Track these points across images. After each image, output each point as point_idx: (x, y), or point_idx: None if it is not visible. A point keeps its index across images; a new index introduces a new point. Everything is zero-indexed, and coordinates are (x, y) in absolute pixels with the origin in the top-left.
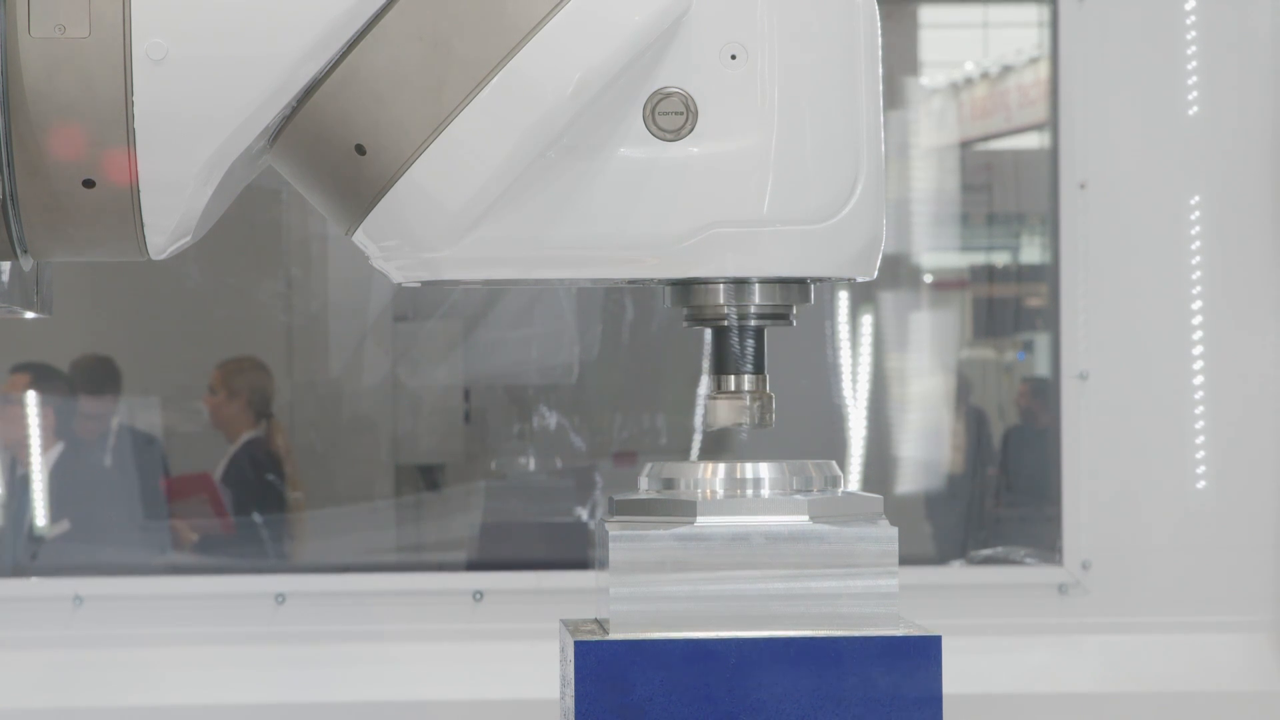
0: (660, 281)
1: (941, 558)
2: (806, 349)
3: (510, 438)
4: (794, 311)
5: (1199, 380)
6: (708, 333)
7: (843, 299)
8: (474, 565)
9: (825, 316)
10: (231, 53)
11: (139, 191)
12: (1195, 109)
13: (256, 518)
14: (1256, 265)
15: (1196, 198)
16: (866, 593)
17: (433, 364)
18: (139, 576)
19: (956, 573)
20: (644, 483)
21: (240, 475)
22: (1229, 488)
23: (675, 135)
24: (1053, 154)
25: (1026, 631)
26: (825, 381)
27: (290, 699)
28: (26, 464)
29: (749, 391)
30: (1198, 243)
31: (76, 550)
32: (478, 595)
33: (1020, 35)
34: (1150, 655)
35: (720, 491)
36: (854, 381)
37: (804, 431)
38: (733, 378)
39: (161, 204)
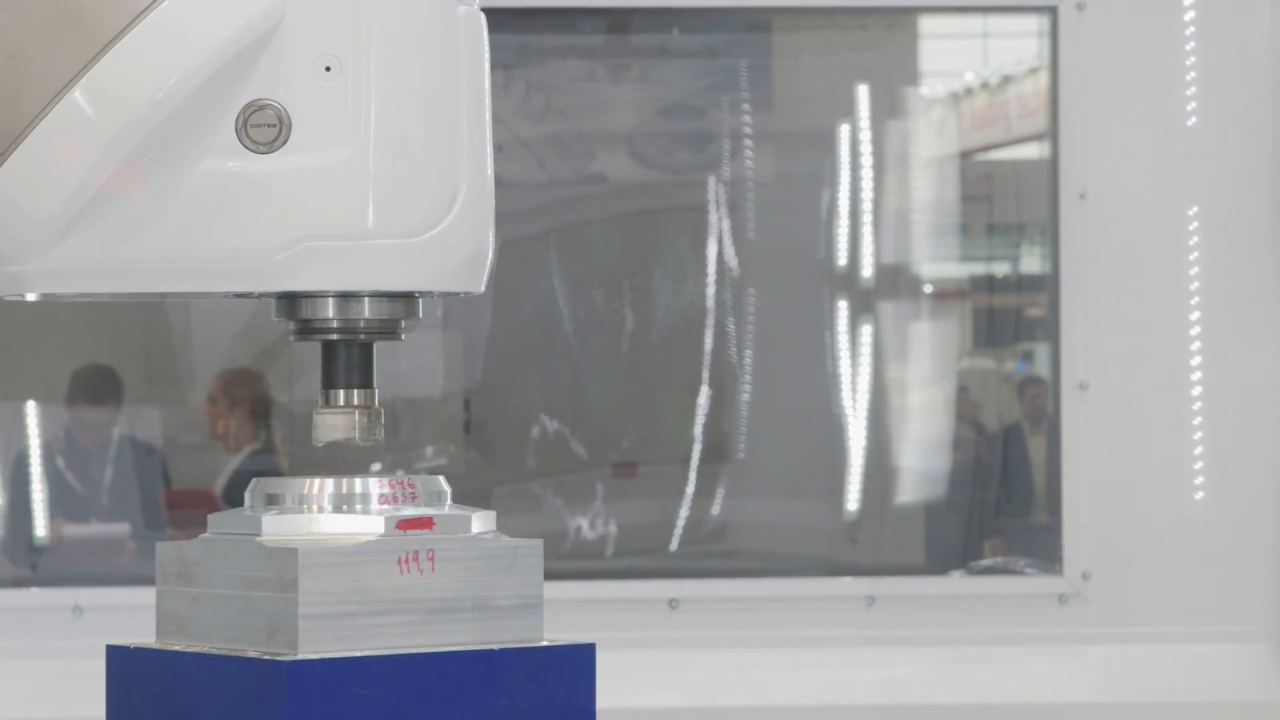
0: (261, 295)
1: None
2: (806, 359)
3: (510, 447)
4: (402, 325)
5: (1198, 390)
6: (319, 348)
7: (842, 309)
8: None
9: (825, 327)
10: None
11: None
12: (1194, 119)
13: None
14: (1255, 276)
15: (1195, 208)
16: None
17: (433, 374)
18: (138, 587)
19: (957, 583)
20: (247, 499)
21: (243, 487)
22: (1228, 498)
23: (268, 148)
24: (1052, 164)
25: (1027, 642)
26: (825, 392)
27: None
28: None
29: (357, 406)
30: (1197, 253)
31: None
32: None
33: (1020, 45)
34: (1150, 665)
35: (329, 506)
36: (853, 391)
37: (804, 441)
38: (341, 392)
39: None
